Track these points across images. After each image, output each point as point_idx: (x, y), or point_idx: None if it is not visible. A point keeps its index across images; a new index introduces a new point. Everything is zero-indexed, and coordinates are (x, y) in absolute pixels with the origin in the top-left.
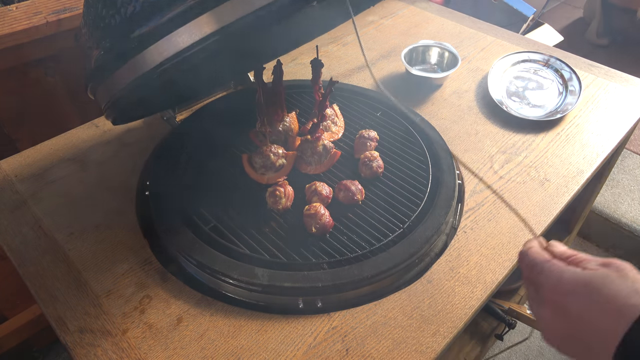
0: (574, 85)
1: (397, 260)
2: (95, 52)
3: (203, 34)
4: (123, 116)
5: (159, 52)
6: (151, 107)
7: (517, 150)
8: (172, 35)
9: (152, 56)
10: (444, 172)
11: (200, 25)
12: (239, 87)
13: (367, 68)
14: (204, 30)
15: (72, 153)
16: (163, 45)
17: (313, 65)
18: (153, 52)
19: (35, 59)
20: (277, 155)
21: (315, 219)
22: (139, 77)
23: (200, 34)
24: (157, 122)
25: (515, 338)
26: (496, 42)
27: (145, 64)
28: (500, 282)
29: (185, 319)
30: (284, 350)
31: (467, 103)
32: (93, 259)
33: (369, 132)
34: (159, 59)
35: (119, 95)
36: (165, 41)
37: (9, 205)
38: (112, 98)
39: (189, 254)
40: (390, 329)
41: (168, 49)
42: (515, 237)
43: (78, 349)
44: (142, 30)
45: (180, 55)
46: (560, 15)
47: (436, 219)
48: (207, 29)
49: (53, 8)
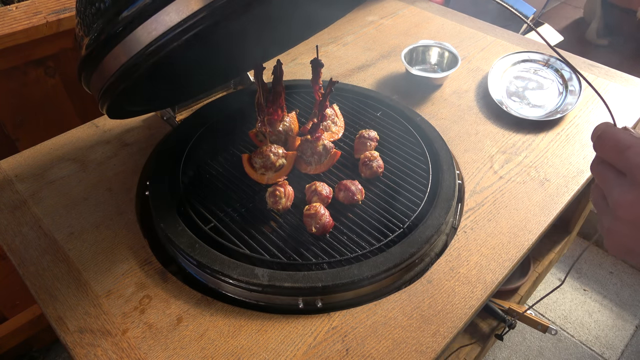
0: (574, 85)
1: (397, 260)
2: (86, 40)
3: (191, 11)
4: (118, 107)
5: (147, 32)
6: (149, 101)
7: (517, 150)
8: (160, 13)
9: (141, 37)
10: (444, 172)
11: (188, 2)
12: (239, 87)
13: (367, 68)
14: (191, 6)
15: (72, 153)
16: (151, 25)
17: (313, 65)
18: (142, 32)
19: (35, 59)
20: (277, 155)
21: (315, 219)
22: (129, 60)
23: (188, 11)
24: (157, 122)
25: (515, 338)
26: (496, 42)
27: (135, 45)
28: (500, 282)
29: (185, 319)
30: (284, 350)
31: (467, 103)
32: (93, 259)
33: (369, 132)
34: (148, 39)
35: (111, 80)
36: (153, 20)
37: (9, 205)
38: (105, 84)
39: (189, 254)
40: (390, 329)
41: (157, 28)
42: (515, 237)
43: (78, 349)
44: (130, 10)
45: (169, 34)
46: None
47: (436, 219)
48: (195, 6)
49: (53, 8)
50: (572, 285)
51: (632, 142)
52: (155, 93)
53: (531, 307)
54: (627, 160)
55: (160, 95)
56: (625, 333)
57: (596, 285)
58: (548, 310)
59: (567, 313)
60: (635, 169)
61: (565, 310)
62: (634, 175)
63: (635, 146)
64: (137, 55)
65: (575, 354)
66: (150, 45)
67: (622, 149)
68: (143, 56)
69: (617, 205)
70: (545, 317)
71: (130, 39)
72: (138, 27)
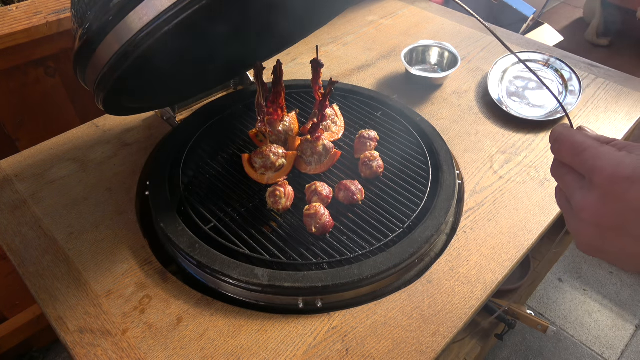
0: (574, 85)
1: (397, 260)
2: (80, 31)
3: None
4: (114, 101)
5: (139, 17)
6: (147, 97)
7: (517, 150)
8: None
9: (132, 23)
10: (444, 172)
11: None
12: (239, 87)
13: (367, 68)
14: None
15: (72, 153)
16: (143, 10)
17: (313, 65)
18: (133, 18)
19: (35, 59)
20: (277, 155)
21: (315, 219)
22: (121, 47)
23: None
24: (157, 122)
25: (515, 338)
26: (496, 42)
27: (127, 32)
28: (500, 282)
29: (185, 319)
30: (284, 350)
31: (467, 103)
32: (93, 259)
33: (369, 132)
34: (140, 24)
35: (104, 70)
36: (145, 6)
37: (9, 205)
38: (99, 75)
39: (189, 254)
40: (390, 329)
41: (148, 13)
42: (515, 237)
43: (78, 349)
44: None
45: (160, 18)
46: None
47: (436, 219)
48: None
49: (53, 8)
50: (572, 285)
51: (587, 144)
52: (152, 88)
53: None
54: (584, 164)
55: (158, 91)
56: (625, 333)
57: (596, 285)
58: (548, 310)
59: (567, 313)
60: (592, 172)
61: (565, 310)
62: (592, 179)
63: (590, 148)
64: (129, 42)
65: (575, 354)
66: (141, 31)
67: (578, 151)
68: (135, 42)
69: (580, 208)
70: (545, 317)
71: (121, 26)
72: (130, 13)
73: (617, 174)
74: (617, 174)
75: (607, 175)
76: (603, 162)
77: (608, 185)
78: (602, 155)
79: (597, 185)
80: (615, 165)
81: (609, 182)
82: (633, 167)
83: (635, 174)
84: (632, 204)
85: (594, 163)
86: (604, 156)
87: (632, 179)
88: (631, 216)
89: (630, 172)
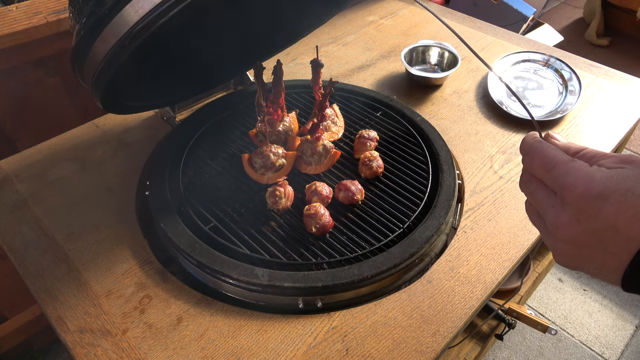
0: (574, 85)
1: (397, 260)
2: (77, 27)
3: None
4: (112, 98)
5: (135, 10)
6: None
7: (517, 150)
8: None
9: (129, 16)
10: (444, 172)
11: None
12: (239, 87)
13: (367, 68)
14: None
15: (72, 153)
16: (138, 2)
17: (313, 65)
18: (130, 11)
19: (35, 59)
20: (277, 155)
21: (315, 219)
22: (118, 41)
23: None
24: (157, 122)
25: (515, 338)
26: (496, 42)
27: (123, 25)
28: (500, 282)
29: (185, 319)
30: (284, 350)
31: (467, 103)
32: (93, 259)
33: (369, 132)
34: (136, 17)
35: (101, 66)
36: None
37: (9, 205)
38: (96, 71)
39: (189, 254)
40: (390, 329)
41: (143, 6)
42: (515, 237)
43: (78, 349)
44: None
45: (156, 10)
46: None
47: (436, 219)
48: None
49: (53, 8)
50: (572, 285)
51: (557, 159)
52: (151, 86)
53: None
54: (554, 180)
55: (156, 89)
56: (625, 333)
57: (596, 285)
58: (548, 310)
59: (567, 313)
60: (563, 189)
61: (565, 310)
62: (563, 196)
63: (560, 164)
64: (126, 34)
65: (575, 354)
66: (137, 24)
67: (548, 167)
68: (131, 36)
69: (554, 227)
70: (545, 317)
71: (117, 19)
72: (126, 6)
73: (589, 192)
74: (588, 192)
75: (579, 193)
76: (573, 180)
77: (580, 203)
78: (572, 172)
79: (569, 204)
80: (586, 182)
81: (581, 200)
82: (604, 184)
83: (606, 191)
84: (606, 221)
85: (564, 180)
86: (574, 173)
87: (604, 195)
88: (607, 234)
89: (602, 189)
